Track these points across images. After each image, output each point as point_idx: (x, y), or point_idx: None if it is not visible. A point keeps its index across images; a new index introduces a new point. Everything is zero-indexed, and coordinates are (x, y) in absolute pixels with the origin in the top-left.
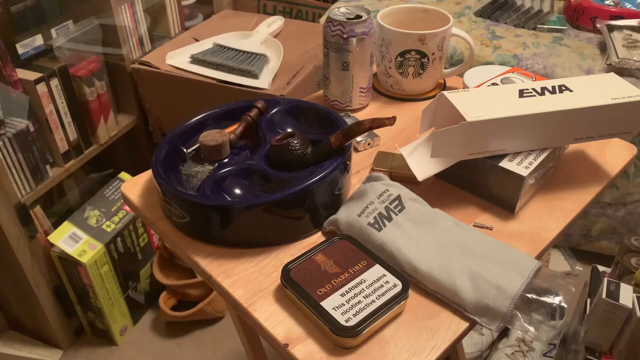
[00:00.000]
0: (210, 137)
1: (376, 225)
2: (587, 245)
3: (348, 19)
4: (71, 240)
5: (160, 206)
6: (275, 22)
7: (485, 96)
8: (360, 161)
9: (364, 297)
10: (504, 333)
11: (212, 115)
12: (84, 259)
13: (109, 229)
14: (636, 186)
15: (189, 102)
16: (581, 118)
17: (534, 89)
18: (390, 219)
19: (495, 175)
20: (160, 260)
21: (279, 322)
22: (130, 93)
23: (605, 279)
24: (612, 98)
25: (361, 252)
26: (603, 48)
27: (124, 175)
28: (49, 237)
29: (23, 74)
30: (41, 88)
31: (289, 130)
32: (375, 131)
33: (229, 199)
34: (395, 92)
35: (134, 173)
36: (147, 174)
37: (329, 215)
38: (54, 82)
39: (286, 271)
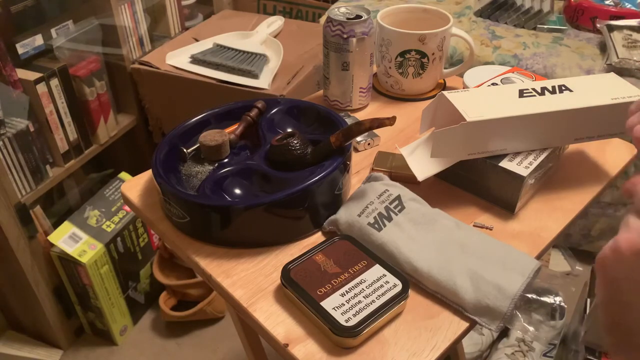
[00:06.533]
0: (210, 137)
1: (376, 225)
2: (587, 245)
3: (348, 19)
4: (71, 240)
5: (160, 206)
6: (275, 22)
7: (485, 96)
8: (360, 161)
9: (364, 297)
10: (504, 333)
11: (213, 115)
12: (84, 259)
13: (109, 229)
14: None
15: (189, 102)
16: (581, 118)
17: (534, 89)
18: (390, 219)
19: (495, 175)
20: (160, 260)
21: (279, 322)
22: (130, 93)
23: None
24: (612, 98)
25: (361, 252)
26: (603, 48)
27: (124, 175)
28: (49, 237)
29: (23, 74)
30: (41, 88)
31: (289, 130)
32: (375, 131)
33: (229, 199)
34: (395, 92)
35: (134, 173)
36: (147, 174)
37: (329, 215)
38: (54, 82)
39: (286, 271)
